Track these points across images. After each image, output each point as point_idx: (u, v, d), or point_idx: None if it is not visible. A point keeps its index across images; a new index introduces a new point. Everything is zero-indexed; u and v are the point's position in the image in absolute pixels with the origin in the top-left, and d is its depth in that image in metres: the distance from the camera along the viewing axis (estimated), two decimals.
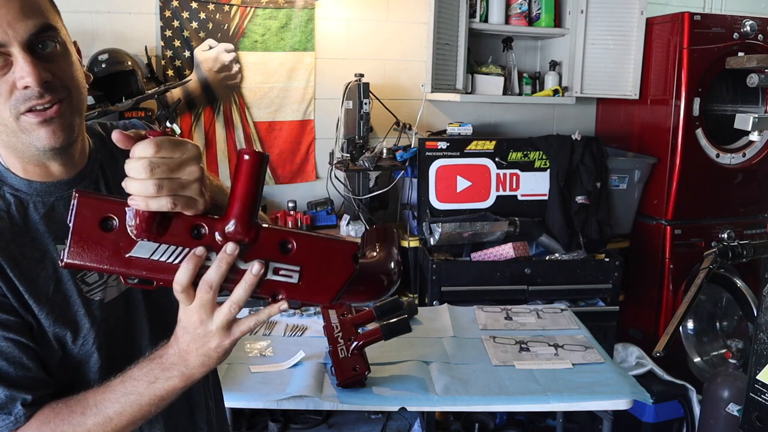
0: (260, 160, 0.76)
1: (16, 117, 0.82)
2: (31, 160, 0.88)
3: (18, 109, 0.82)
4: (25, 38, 0.81)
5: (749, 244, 2.09)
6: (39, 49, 0.83)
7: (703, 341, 3.22)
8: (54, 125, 0.84)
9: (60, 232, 0.88)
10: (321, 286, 0.82)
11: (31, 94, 0.81)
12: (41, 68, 0.81)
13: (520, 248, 2.92)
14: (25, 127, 0.83)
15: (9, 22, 0.79)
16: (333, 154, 3.24)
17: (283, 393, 1.66)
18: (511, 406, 1.73)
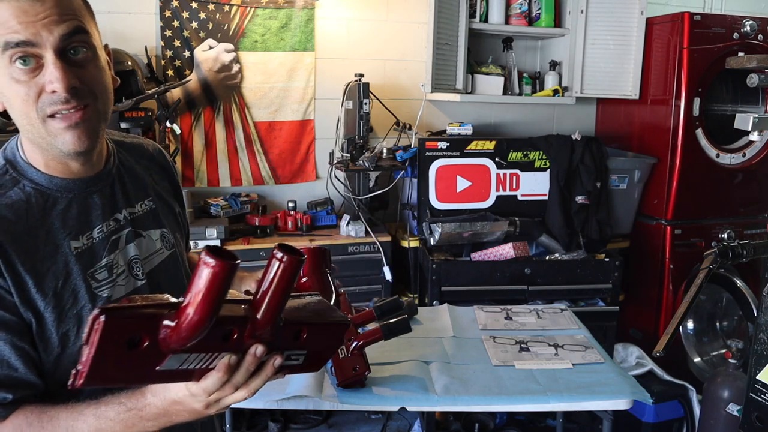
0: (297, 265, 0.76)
1: (42, 119, 0.85)
2: (55, 158, 0.91)
3: (44, 112, 0.84)
4: (58, 42, 0.82)
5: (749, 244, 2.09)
6: (70, 55, 0.85)
7: (703, 341, 3.22)
8: (79, 130, 0.86)
9: (74, 229, 0.91)
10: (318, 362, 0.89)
11: (58, 98, 0.83)
12: (70, 74, 0.83)
13: (520, 248, 2.92)
14: (50, 130, 0.86)
15: (44, 24, 0.81)
16: (333, 154, 3.24)
17: (283, 393, 1.66)
18: (511, 406, 1.73)
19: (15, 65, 0.82)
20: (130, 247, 1.00)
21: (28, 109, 0.84)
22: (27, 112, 0.85)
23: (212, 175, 3.19)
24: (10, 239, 0.85)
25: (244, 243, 2.81)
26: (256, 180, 3.26)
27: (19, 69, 0.82)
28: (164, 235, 1.07)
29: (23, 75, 0.83)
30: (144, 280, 1.00)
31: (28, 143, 0.91)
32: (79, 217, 0.93)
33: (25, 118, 0.86)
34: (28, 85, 0.83)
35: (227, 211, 2.98)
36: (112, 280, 0.95)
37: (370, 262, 2.94)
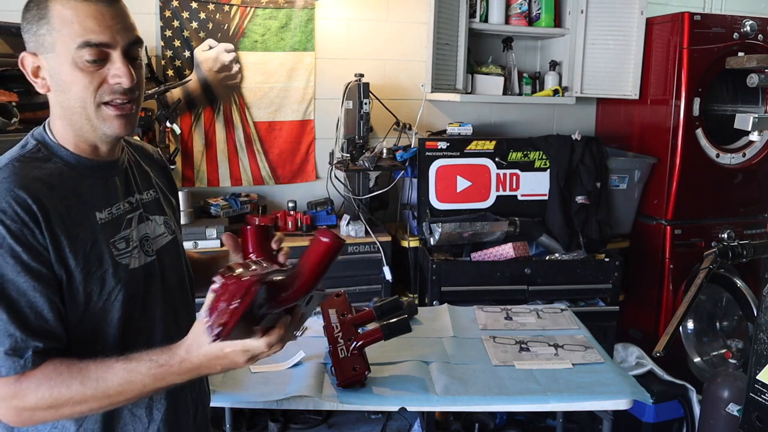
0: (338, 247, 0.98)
1: (97, 105, 1.01)
2: (88, 140, 1.05)
3: (101, 99, 1.01)
4: (125, 46, 1.01)
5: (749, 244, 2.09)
6: (131, 56, 1.03)
7: (703, 341, 3.22)
8: (126, 119, 1.04)
9: (99, 203, 1.05)
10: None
11: (119, 90, 1.01)
12: (132, 74, 1.01)
13: (520, 248, 2.92)
14: (102, 115, 1.02)
15: (118, 30, 0.99)
16: (333, 154, 3.24)
17: (283, 393, 1.66)
18: (511, 406, 1.73)
19: (85, 59, 0.98)
20: (142, 227, 1.13)
21: (87, 95, 1.00)
22: (84, 98, 1.00)
23: (212, 175, 3.19)
24: (50, 203, 0.97)
25: None
26: (256, 180, 3.26)
27: (88, 62, 0.98)
28: (167, 221, 1.20)
29: (90, 67, 0.99)
30: (154, 257, 1.13)
31: (65, 127, 1.04)
32: (102, 194, 1.07)
33: (80, 101, 1.00)
34: (92, 75, 0.99)
35: (227, 211, 2.98)
36: (129, 251, 1.07)
37: (370, 262, 2.94)
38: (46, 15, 1.00)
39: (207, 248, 2.71)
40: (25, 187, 0.95)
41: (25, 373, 0.94)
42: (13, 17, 2.54)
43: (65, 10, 0.98)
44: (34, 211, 0.95)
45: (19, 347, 0.93)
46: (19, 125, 2.20)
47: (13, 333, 0.93)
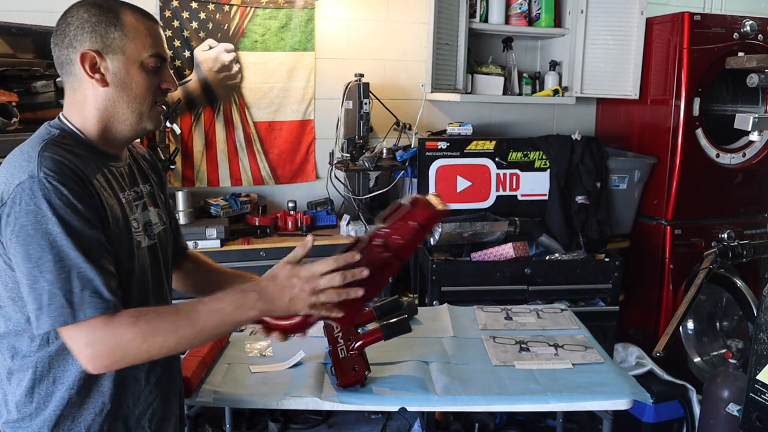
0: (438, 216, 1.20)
1: (152, 104, 1.20)
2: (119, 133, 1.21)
3: (155, 99, 1.21)
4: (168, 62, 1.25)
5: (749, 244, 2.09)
6: None
7: (703, 341, 3.22)
8: (161, 118, 1.25)
9: (119, 185, 1.20)
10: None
11: (167, 93, 1.24)
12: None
13: (520, 248, 2.92)
14: (154, 112, 1.22)
15: (165, 49, 1.23)
16: (333, 154, 3.24)
17: (283, 393, 1.66)
18: (511, 406, 1.73)
19: (151, 65, 1.18)
20: (145, 213, 1.27)
21: (148, 94, 1.19)
22: (146, 96, 1.19)
23: (212, 175, 3.19)
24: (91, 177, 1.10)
25: (244, 243, 2.81)
26: (256, 180, 3.26)
27: (154, 68, 1.19)
28: (159, 213, 1.34)
29: (152, 72, 1.19)
30: (155, 240, 1.28)
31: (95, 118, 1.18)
32: (118, 180, 1.21)
33: (141, 98, 1.18)
34: (153, 79, 1.19)
35: (227, 211, 2.98)
36: (140, 232, 1.22)
37: None
38: (118, 23, 1.16)
39: (207, 248, 2.71)
40: (72, 161, 1.08)
41: (116, 313, 1.05)
42: (13, 17, 2.55)
43: (138, 24, 1.18)
44: (83, 179, 1.08)
45: (100, 290, 1.04)
46: (19, 125, 2.19)
47: (92, 278, 1.04)
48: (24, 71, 2.30)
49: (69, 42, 1.16)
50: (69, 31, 1.16)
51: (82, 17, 1.16)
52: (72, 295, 1.02)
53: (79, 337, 1.04)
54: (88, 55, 1.14)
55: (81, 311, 1.02)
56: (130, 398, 1.21)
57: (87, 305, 1.02)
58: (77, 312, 1.02)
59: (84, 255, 1.03)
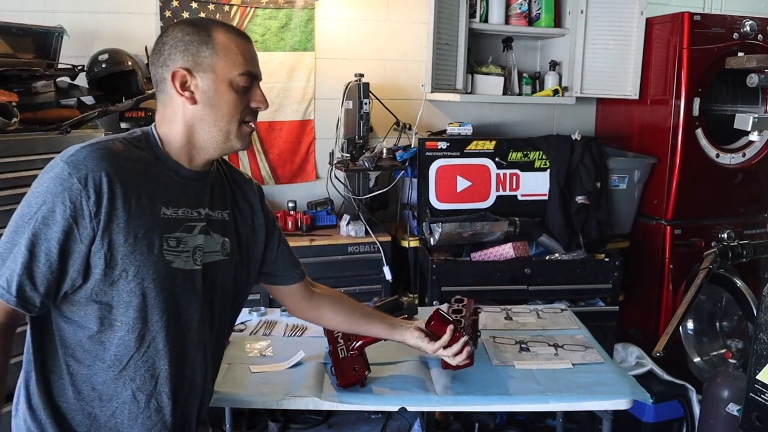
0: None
1: (239, 122, 1.21)
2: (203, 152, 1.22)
3: (244, 118, 1.21)
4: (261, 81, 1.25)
5: (749, 244, 2.09)
6: None
7: (703, 341, 3.22)
8: (250, 137, 1.26)
9: (168, 200, 1.17)
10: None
11: (257, 112, 1.24)
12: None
13: (520, 248, 2.92)
14: (242, 132, 1.22)
15: (258, 67, 1.23)
16: (333, 154, 3.25)
17: (283, 393, 1.66)
18: (511, 406, 1.73)
19: (241, 83, 1.19)
20: (199, 237, 1.23)
21: (236, 112, 1.20)
22: (233, 114, 1.20)
23: None
24: (125, 182, 1.10)
25: None
26: (256, 180, 3.26)
27: (242, 87, 1.20)
28: (225, 243, 1.30)
29: (242, 90, 1.20)
30: (200, 267, 1.23)
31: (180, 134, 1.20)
32: (174, 194, 1.19)
33: (228, 116, 1.19)
34: (242, 98, 1.20)
35: None
36: (178, 252, 1.18)
37: (370, 262, 2.94)
38: (210, 42, 1.17)
39: None
40: (106, 165, 1.09)
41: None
42: (13, 17, 2.55)
43: (229, 42, 1.19)
44: (102, 189, 1.08)
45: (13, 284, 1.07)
46: (19, 125, 2.19)
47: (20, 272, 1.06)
48: (24, 71, 2.30)
49: (163, 61, 1.18)
50: (164, 50, 1.18)
51: (176, 36, 1.18)
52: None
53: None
54: (179, 72, 1.17)
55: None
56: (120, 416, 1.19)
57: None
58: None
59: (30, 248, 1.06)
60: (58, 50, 2.51)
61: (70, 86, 2.63)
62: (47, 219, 1.07)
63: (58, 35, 2.49)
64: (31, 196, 1.10)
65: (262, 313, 2.24)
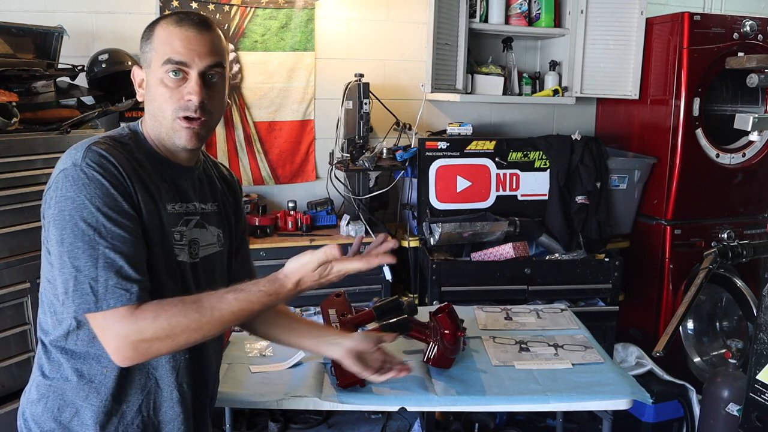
0: None
1: (173, 117, 1.16)
2: (167, 146, 1.20)
3: (177, 113, 1.16)
4: (202, 69, 1.15)
5: (749, 244, 2.09)
6: (208, 78, 1.17)
7: (703, 341, 3.22)
8: (194, 133, 1.18)
9: (168, 195, 1.19)
10: None
11: (191, 106, 1.15)
12: (204, 92, 1.15)
13: (520, 248, 2.92)
14: (175, 127, 1.17)
15: (198, 54, 1.15)
16: (333, 154, 3.24)
17: (283, 393, 1.66)
18: (511, 406, 1.73)
19: (168, 74, 1.14)
20: (195, 231, 1.25)
21: (167, 106, 1.15)
22: (165, 109, 1.15)
23: None
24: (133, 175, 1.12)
25: None
26: (256, 180, 3.26)
27: (170, 78, 1.14)
28: (219, 235, 1.32)
29: (171, 83, 1.15)
30: (198, 260, 1.25)
31: (153, 129, 1.20)
32: (171, 189, 1.21)
33: (161, 112, 1.16)
34: (172, 90, 1.15)
35: None
36: (182, 246, 1.21)
37: None
38: (150, 36, 1.17)
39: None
40: (117, 159, 1.10)
41: (139, 306, 1.05)
42: (13, 17, 2.55)
43: (162, 32, 1.16)
44: (123, 175, 1.09)
45: (126, 281, 1.05)
46: (19, 125, 2.19)
47: (120, 267, 1.05)
48: (24, 71, 2.30)
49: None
50: None
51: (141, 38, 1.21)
52: (97, 283, 1.04)
53: (106, 327, 1.05)
54: (135, 71, 1.22)
55: (104, 300, 1.03)
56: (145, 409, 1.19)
57: (110, 295, 1.04)
58: (100, 301, 1.03)
59: (113, 245, 1.05)
60: (58, 50, 2.51)
61: (70, 86, 2.63)
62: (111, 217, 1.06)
63: (58, 35, 2.49)
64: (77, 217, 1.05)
65: None
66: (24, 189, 2.12)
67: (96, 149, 1.09)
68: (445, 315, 1.77)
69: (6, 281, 2.11)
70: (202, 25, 1.17)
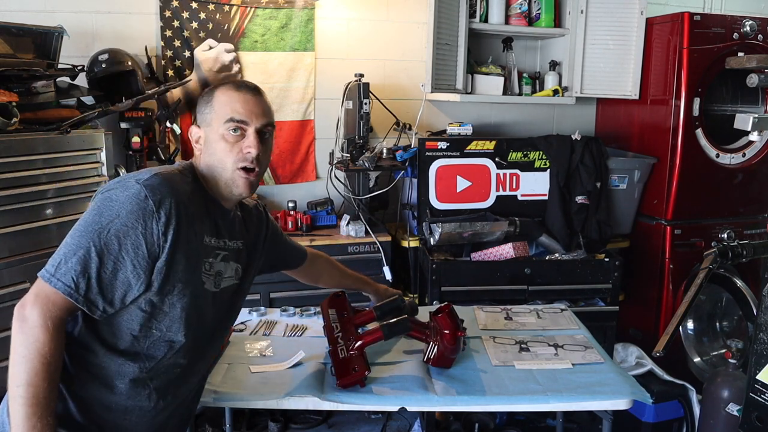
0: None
1: (233, 169, 1.34)
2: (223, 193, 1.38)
3: (236, 164, 1.34)
4: (259, 127, 1.36)
5: (749, 244, 2.09)
6: (262, 135, 1.37)
7: (703, 341, 3.22)
8: (249, 183, 1.36)
9: (207, 229, 1.34)
10: None
11: (249, 158, 1.34)
12: (260, 146, 1.35)
13: (520, 248, 2.92)
14: (235, 177, 1.35)
15: (256, 114, 1.35)
16: (333, 154, 3.24)
17: (283, 393, 1.66)
18: (511, 406, 1.73)
19: (229, 132, 1.33)
20: (221, 264, 1.39)
21: (227, 159, 1.34)
22: (225, 161, 1.34)
23: None
24: (185, 208, 1.25)
25: None
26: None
27: (231, 134, 1.34)
28: (238, 269, 1.47)
29: (232, 138, 1.34)
30: (218, 290, 1.39)
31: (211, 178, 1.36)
32: (212, 224, 1.37)
33: (222, 164, 1.34)
34: (232, 145, 1.34)
35: None
36: (209, 275, 1.35)
37: (370, 262, 2.94)
38: (210, 100, 1.36)
39: None
40: (175, 194, 1.24)
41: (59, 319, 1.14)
42: (13, 17, 2.55)
43: (222, 96, 1.35)
44: (171, 213, 1.22)
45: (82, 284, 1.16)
46: (19, 125, 2.20)
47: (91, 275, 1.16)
48: (24, 71, 2.30)
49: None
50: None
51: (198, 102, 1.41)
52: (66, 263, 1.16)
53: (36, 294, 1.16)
54: (192, 129, 1.39)
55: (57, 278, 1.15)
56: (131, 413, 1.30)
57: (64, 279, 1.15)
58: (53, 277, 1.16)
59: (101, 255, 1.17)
60: (58, 50, 2.51)
61: (70, 86, 2.63)
62: (120, 232, 1.18)
63: (58, 35, 2.49)
64: (104, 207, 1.20)
65: (262, 313, 2.24)
66: (24, 189, 2.13)
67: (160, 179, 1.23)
68: (445, 315, 1.78)
69: (6, 281, 2.11)
70: (256, 91, 1.39)
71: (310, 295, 2.77)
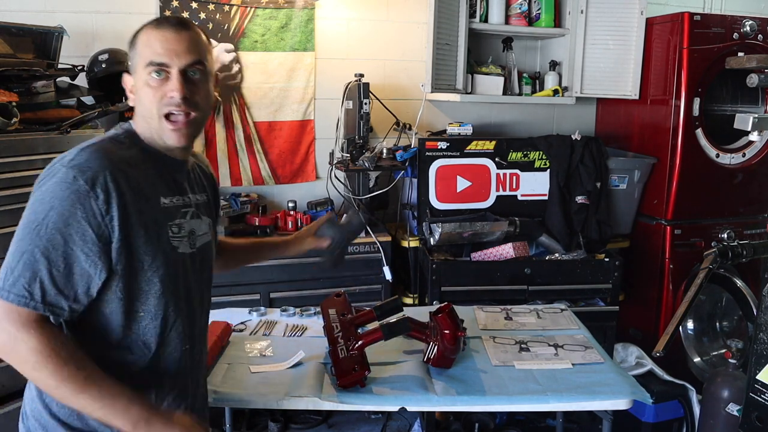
0: None
1: (159, 117, 1.20)
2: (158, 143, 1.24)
3: (161, 111, 1.20)
4: (182, 67, 1.20)
5: (749, 244, 2.09)
6: (189, 75, 1.22)
7: (703, 341, 3.22)
8: (180, 132, 1.22)
9: (164, 190, 1.24)
10: None
11: (173, 102, 1.19)
12: (186, 88, 1.20)
13: (520, 248, 2.92)
14: (162, 127, 1.21)
15: (176, 53, 1.20)
16: (333, 154, 3.24)
17: (283, 393, 1.66)
18: (511, 406, 1.73)
19: (151, 76, 1.19)
20: (192, 222, 1.30)
21: (152, 106, 1.20)
22: (151, 109, 1.20)
23: None
24: (126, 180, 1.14)
25: None
26: (256, 180, 3.26)
27: (153, 78, 1.19)
28: (210, 224, 1.39)
29: (154, 83, 1.19)
30: (195, 250, 1.30)
31: (145, 130, 1.24)
32: (166, 184, 1.25)
33: (149, 112, 1.20)
34: (155, 90, 1.19)
35: (227, 211, 2.98)
36: (180, 238, 1.25)
37: (370, 262, 2.94)
38: (134, 42, 1.24)
39: None
40: (108, 164, 1.12)
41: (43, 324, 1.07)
42: (13, 17, 2.55)
43: (143, 37, 1.22)
44: (109, 187, 1.10)
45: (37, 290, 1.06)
46: (19, 125, 2.19)
47: (42, 278, 1.07)
48: (24, 71, 2.30)
49: None
50: None
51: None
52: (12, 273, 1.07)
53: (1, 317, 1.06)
54: (125, 78, 1.27)
55: (7, 291, 1.06)
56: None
57: (15, 290, 1.06)
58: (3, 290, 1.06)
59: (46, 254, 1.07)
60: (58, 50, 2.51)
61: (70, 86, 2.63)
62: (59, 224, 1.08)
63: (58, 35, 2.49)
64: (37, 203, 1.10)
65: (262, 313, 2.24)
66: (24, 189, 2.12)
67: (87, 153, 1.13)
68: (445, 315, 1.77)
69: None
70: (179, 25, 1.23)
71: (310, 295, 2.78)
